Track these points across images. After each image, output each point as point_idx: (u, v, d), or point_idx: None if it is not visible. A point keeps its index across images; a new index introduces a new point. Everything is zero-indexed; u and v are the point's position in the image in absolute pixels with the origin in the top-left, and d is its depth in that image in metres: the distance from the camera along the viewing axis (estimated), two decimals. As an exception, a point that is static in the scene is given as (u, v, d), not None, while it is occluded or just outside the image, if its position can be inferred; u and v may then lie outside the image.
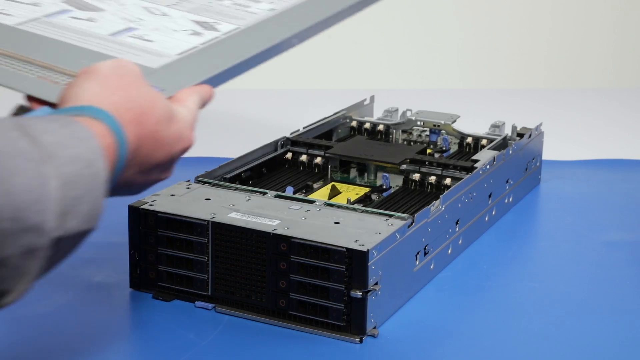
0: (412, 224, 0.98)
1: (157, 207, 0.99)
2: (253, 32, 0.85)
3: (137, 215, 0.99)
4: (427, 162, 1.18)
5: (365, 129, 1.35)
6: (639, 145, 1.60)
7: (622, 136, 1.66)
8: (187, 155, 0.81)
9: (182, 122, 0.64)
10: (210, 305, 0.98)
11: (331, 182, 1.19)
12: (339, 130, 1.35)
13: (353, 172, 1.22)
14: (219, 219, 0.96)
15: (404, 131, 1.34)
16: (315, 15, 0.88)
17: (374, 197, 1.12)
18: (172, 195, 1.03)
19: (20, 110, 0.75)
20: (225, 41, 0.82)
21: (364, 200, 1.11)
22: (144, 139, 0.63)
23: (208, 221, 0.96)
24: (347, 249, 0.90)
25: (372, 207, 1.03)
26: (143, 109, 0.62)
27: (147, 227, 0.99)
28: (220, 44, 0.81)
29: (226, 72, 0.78)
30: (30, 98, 0.71)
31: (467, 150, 1.29)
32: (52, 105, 0.70)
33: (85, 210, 0.57)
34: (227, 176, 1.12)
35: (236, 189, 1.06)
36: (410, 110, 1.36)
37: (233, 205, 1.00)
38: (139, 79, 0.61)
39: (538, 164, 1.37)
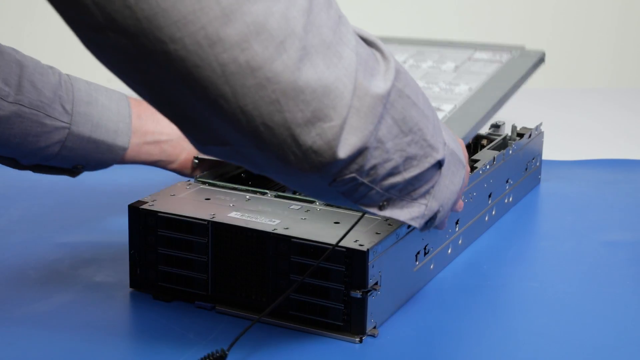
0: (412, 224, 0.98)
1: (157, 207, 0.99)
2: (467, 106, 1.13)
3: (137, 215, 0.99)
4: (427, 162, 1.18)
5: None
6: (639, 145, 1.60)
7: (622, 136, 1.66)
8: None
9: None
10: (210, 305, 0.98)
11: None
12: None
13: (353, 172, 1.22)
14: (219, 219, 0.96)
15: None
16: (504, 86, 1.19)
17: (374, 197, 1.11)
18: (172, 195, 1.03)
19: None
20: (454, 116, 1.09)
21: (364, 200, 1.11)
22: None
23: (208, 221, 0.96)
24: (347, 249, 0.90)
25: (372, 207, 1.02)
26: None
27: (147, 227, 0.99)
28: (453, 118, 1.06)
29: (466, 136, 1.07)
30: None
31: (467, 150, 1.29)
32: None
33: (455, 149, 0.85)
34: (227, 176, 1.12)
35: (236, 189, 1.06)
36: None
37: (233, 205, 1.00)
38: None
39: (538, 164, 1.37)
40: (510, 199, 1.27)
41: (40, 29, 1.99)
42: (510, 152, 1.24)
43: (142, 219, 0.99)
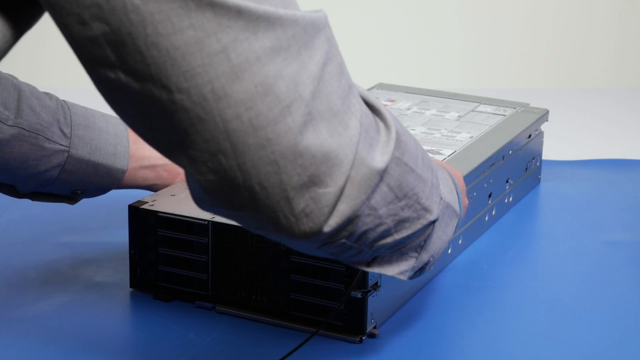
0: (412, 224, 0.98)
1: (157, 207, 0.99)
2: (467, 152, 1.17)
3: (137, 215, 0.99)
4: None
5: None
6: (639, 145, 1.60)
7: (622, 136, 1.66)
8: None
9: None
10: (210, 305, 0.98)
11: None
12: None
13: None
14: (219, 219, 0.96)
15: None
16: (505, 137, 1.24)
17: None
18: (172, 195, 1.03)
19: None
20: (453, 159, 1.14)
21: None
22: (455, 176, 0.91)
23: (208, 221, 0.96)
24: (347, 249, 0.90)
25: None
26: (452, 168, 0.94)
27: (147, 227, 0.99)
28: (451, 161, 1.12)
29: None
30: None
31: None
32: None
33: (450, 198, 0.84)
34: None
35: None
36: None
37: (233, 205, 1.00)
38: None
39: (538, 164, 1.36)
40: (510, 199, 1.27)
41: (42, 58, 2.00)
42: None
43: (142, 219, 0.99)
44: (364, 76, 2.14)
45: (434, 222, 0.80)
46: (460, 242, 1.12)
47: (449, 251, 1.09)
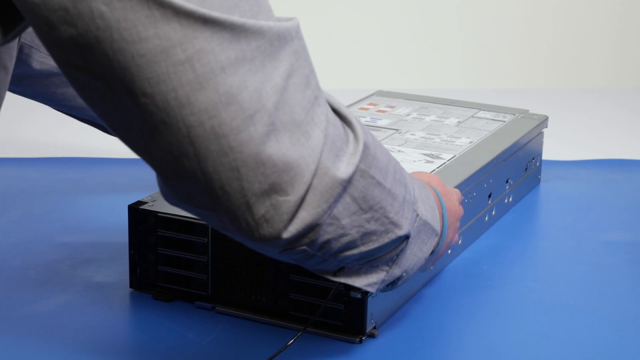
0: (412, 224, 0.98)
1: (157, 207, 0.99)
2: (467, 157, 1.18)
3: (137, 215, 0.99)
4: (427, 162, 1.18)
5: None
6: (639, 145, 1.60)
7: (622, 136, 1.66)
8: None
9: (454, 194, 0.97)
10: (210, 305, 0.98)
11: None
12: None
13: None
14: (219, 219, 0.96)
15: (404, 131, 1.34)
16: (504, 143, 1.24)
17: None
18: (172, 195, 1.03)
19: None
20: (452, 163, 1.16)
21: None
22: (446, 196, 0.92)
23: (208, 221, 0.96)
24: (347, 249, 0.90)
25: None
26: (445, 188, 0.95)
27: (147, 227, 0.99)
28: (450, 165, 1.15)
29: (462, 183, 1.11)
30: None
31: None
32: None
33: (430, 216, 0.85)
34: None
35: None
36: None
37: (233, 205, 1.00)
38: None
39: (538, 164, 1.37)
40: (510, 199, 1.27)
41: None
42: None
43: (142, 219, 0.99)
44: (365, 76, 2.14)
45: (406, 237, 0.81)
46: (460, 242, 1.12)
47: (449, 251, 1.09)
